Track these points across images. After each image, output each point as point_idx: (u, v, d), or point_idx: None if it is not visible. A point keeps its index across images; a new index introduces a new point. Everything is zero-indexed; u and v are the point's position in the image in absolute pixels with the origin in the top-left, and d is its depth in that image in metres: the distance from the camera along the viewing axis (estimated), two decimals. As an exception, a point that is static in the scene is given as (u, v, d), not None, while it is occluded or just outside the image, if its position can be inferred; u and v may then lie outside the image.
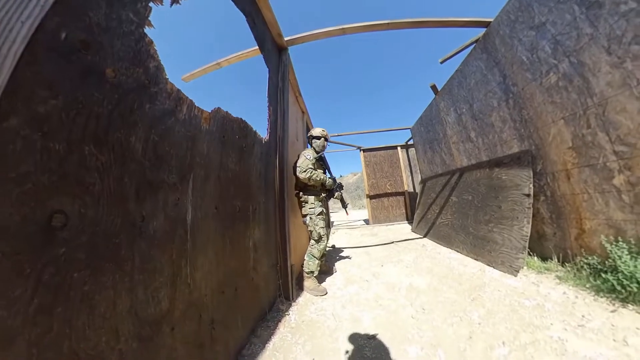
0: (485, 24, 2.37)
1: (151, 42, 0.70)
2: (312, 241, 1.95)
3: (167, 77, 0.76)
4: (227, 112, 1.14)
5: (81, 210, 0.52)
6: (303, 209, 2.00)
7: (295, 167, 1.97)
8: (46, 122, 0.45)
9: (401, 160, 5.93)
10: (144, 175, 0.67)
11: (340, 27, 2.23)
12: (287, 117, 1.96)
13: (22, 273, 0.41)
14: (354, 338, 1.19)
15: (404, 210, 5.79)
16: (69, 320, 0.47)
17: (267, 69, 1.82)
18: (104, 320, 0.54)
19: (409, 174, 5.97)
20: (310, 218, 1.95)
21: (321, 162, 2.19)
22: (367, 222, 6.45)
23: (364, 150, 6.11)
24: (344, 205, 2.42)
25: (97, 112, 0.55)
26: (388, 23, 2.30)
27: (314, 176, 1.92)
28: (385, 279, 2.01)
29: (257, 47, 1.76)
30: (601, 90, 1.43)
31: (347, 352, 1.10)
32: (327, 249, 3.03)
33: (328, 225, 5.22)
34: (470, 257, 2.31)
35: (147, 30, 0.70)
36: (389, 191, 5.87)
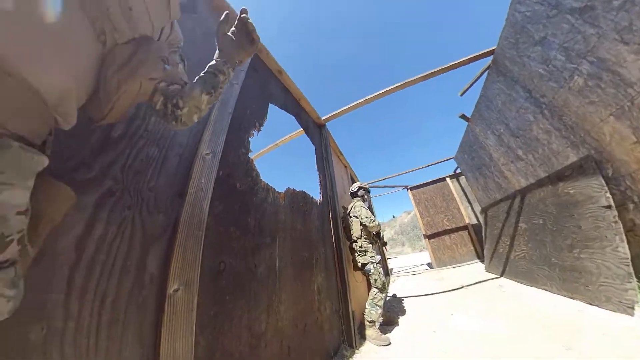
0: (490, 53, 2.51)
1: (252, 160, 1.22)
2: (374, 289, 1.99)
3: (261, 178, 1.26)
4: (293, 189, 1.62)
5: (230, 261, 0.93)
6: (362, 257, 2.08)
7: (349, 217, 2.25)
8: (220, 218, 0.92)
9: (454, 191, 5.58)
10: (254, 240, 1.10)
11: (364, 98, 2.77)
12: (334, 179, 2.40)
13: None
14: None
15: (471, 247, 5.09)
16: (222, 323, 0.82)
17: (313, 146, 2.40)
18: (238, 327, 0.88)
19: (467, 204, 5.47)
20: (374, 266, 2.03)
21: None
22: (430, 265, 5.83)
23: (411, 189, 6.04)
24: (384, 244, 2.60)
25: (234, 208, 1.02)
26: (403, 84, 2.75)
27: (378, 223, 2.16)
28: (456, 329, 1.82)
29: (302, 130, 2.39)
30: (638, 77, 1.38)
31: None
32: (387, 297, 2.95)
33: (387, 273, 4.96)
34: (563, 295, 1.95)
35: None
36: (448, 227, 5.37)
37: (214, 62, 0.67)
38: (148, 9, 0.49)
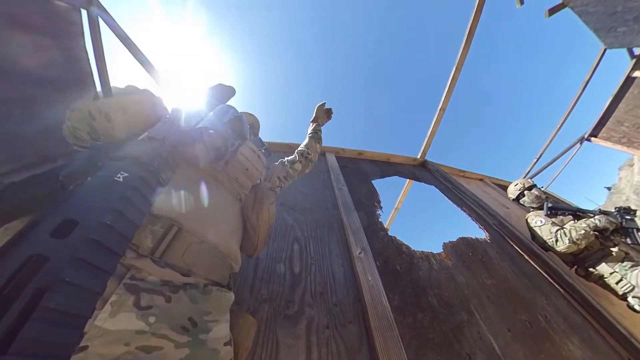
0: None
1: (394, 237, 1.22)
2: None
3: (412, 248, 1.20)
4: (450, 241, 1.41)
5: (438, 359, 0.79)
6: (614, 287, 1.36)
7: (536, 240, 1.59)
8: (401, 309, 0.88)
9: None
10: (449, 321, 0.94)
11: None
12: (481, 201, 1.94)
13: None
14: None
15: None
16: None
17: (431, 186, 2.18)
18: None
19: None
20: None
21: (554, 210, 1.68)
22: None
23: (595, 134, 3.69)
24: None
25: (407, 292, 0.97)
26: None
27: (584, 226, 1.41)
28: None
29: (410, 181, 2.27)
30: None
31: None
32: None
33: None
34: None
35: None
36: None
37: (312, 126, 1.19)
38: (255, 167, 0.75)
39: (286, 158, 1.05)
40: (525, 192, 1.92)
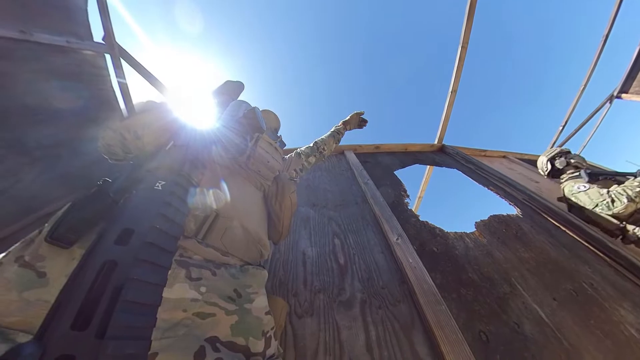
0: None
1: (427, 222, 1.28)
2: None
3: (446, 230, 1.25)
4: (481, 220, 1.44)
5: (488, 328, 0.85)
6: None
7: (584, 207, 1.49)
8: (445, 286, 0.94)
9: None
10: (492, 294, 0.99)
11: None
12: (507, 178, 1.92)
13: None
14: None
15: None
16: None
17: (453, 169, 2.18)
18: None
19: None
20: None
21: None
22: None
23: (625, 90, 3.47)
24: None
25: (448, 270, 1.03)
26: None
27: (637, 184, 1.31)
28: None
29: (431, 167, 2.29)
30: None
31: None
32: None
33: None
34: None
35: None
36: None
37: (338, 127, 1.24)
38: (274, 158, 0.81)
39: (300, 149, 1.09)
40: (558, 160, 1.78)
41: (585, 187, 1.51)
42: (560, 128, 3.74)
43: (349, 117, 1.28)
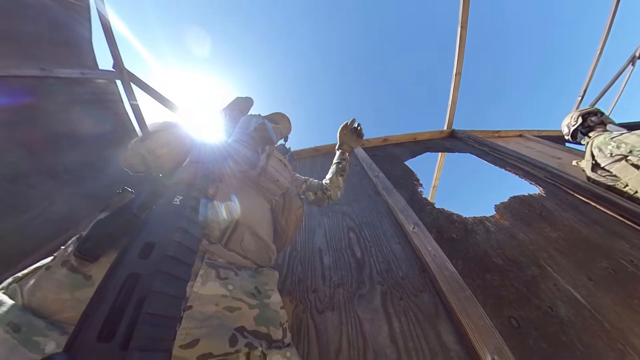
0: None
1: (443, 209, 1.24)
2: None
3: (464, 216, 1.21)
4: (501, 202, 1.37)
5: (518, 314, 0.81)
6: None
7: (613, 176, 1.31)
8: (468, 272, 0.91)
9: None
10: (519, 277, 0.94)
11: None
12: (524, 156, 1.83)
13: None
14: None
15: None
16: None
17: (467, 154, 2.11)
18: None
19: None
20: None
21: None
22: None
23: None
24: None
25: (470, 256, 0.99)
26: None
27: None
28: None
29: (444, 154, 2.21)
30: None
31: None
32: None
33: None
34: None
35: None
36: None
37: (337, 155, 1.08)
38: (283, 176, 0.84)
39: (311, 180, 1.00)
40: (593, 117, 1.52)
41: (625, 131, 1.33)
42: (579, 98, 3.50)
43: (339, 141, 1.10)
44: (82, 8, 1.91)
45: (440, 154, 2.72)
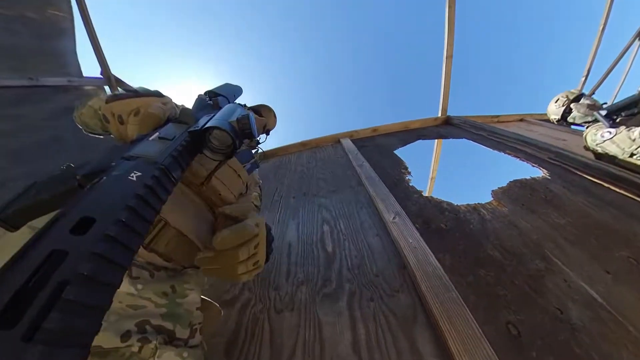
0: None
1: (432, 197, 1.08)
2: None
3: (455, 204, 1.05)
4: (498, 188, 1.21)
5: (518, 318, 0.65)
6: None
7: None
8: (456, 267, 0.75)
9: None
10: (520, 272, 0.77)
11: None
12: (527, 138, 1.65)
13: None
14: None
15: None
16: None
17: (464, 139, 1.94)
18: None
19: None
20: None
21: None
22: None
23: None
24: None
25: (460, 249, 0.83)
26: None
27: None
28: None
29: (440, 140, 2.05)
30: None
31: None
32: None
33: None
34: None
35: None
36: None
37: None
38: (230, 190, 0.70)
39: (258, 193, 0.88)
40: (573, 105, 1.46)
41: (610, 133, 1.22)
42: (583, 79, 3.28)
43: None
44: (66, 19, 1.94)
45: (435, 143, 2.56)
